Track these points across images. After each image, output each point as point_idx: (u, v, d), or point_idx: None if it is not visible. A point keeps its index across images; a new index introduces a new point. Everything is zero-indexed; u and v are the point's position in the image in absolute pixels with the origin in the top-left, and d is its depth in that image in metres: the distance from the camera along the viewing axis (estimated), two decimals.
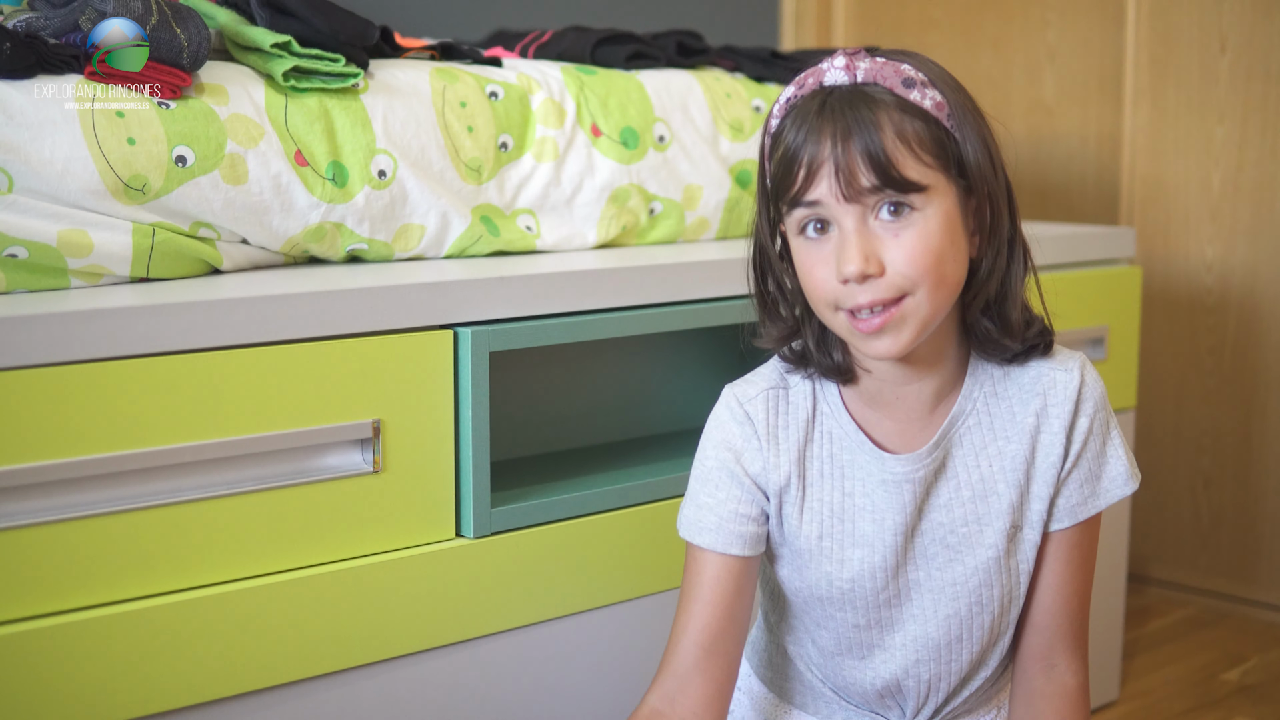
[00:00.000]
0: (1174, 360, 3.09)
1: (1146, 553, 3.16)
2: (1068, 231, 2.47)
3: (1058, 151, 3.24)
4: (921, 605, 1.51)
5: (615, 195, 2.02)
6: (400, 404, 1.62)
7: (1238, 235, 2.97)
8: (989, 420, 1.49)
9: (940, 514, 1.48)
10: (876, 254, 1.35)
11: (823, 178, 1.35)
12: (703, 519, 1.49)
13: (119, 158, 1.57)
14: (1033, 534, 1.50)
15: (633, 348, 2.10)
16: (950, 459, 1.48)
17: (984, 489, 1.48)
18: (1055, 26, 3.23)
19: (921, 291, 1.36)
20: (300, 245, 1.75)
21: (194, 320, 1.47)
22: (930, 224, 1.36)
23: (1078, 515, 1.50)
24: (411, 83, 1.85)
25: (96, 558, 1.43)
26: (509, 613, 1.71)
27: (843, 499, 1.49)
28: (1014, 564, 1.50)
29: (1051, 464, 1.48)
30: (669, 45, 2.25)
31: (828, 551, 1.49)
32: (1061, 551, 1.52)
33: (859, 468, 1.48)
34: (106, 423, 1.42)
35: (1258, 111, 2.92)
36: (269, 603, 1.53)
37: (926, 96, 1.38)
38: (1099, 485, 1.51)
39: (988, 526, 1.48)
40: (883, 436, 1.49)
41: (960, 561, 1.49)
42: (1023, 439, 1.48)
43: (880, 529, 1.48)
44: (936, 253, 1.36)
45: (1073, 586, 1.53)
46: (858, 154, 1.33)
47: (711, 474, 1.50)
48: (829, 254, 1.37)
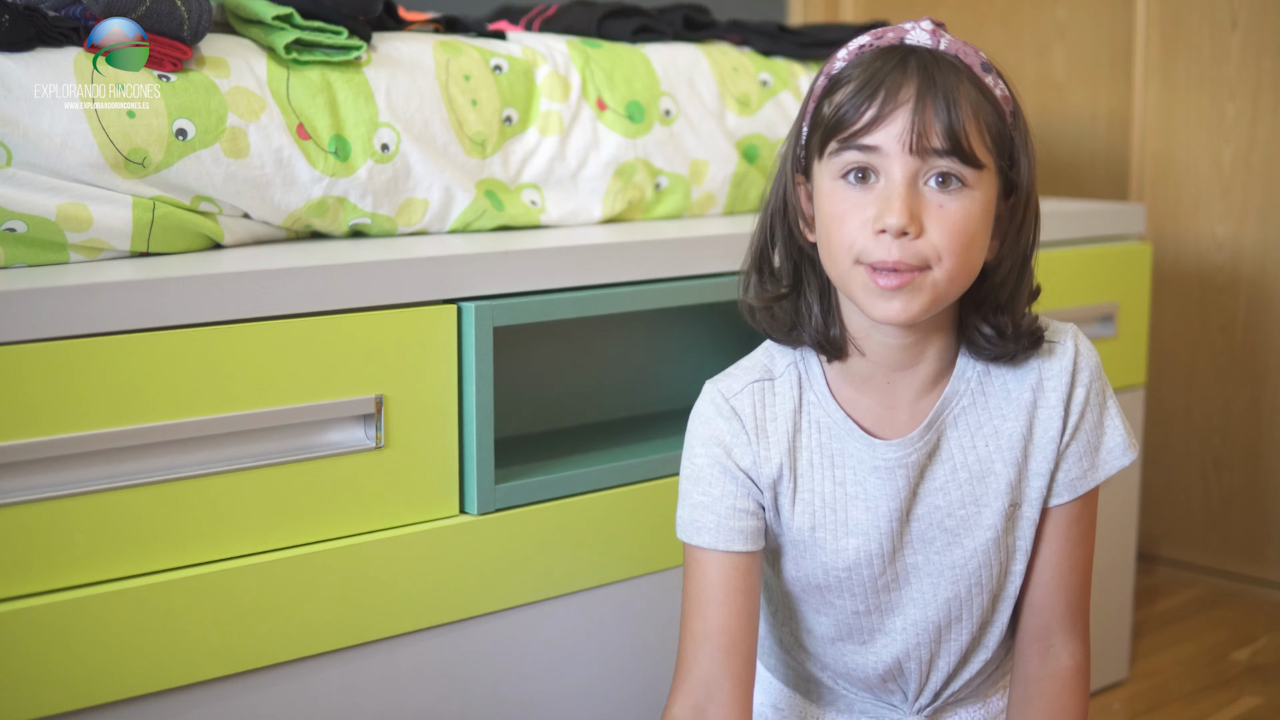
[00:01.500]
0: (1184, 339, 3.08)
1: (1156, 532, 3.15)
2: (1078, 208, 2.45)
3: (1068, 129, 3.22)
4: (920, 589, 1.49)
5: (621, 170, 2.01)
6: (403, 379, 1.60)
7: (1249, 213, 2.95)
8: (984, 400, 1.47)
9: (937, 498, 1.47)
10: (919, 215, 1.34)
11: (893, 123, 1.34)
12: (700, 519, 1.47)
13: (119, 131, 1.56)
14: (1031, 511, 1.49)
15: (638, 323, 2.08)
16: (944, 441, 1.47)
17: (981, 470, 1.47)
18: (1065, 3, 3.21)
19: (943, 270, 1.34)
20: (302, 220, 1.73)
21: (194, 295, 1.46)
22: (974, 205, 1.35)
23: (1077, 489, 1.49)
24: (414, 56, 1.84)
25: (97, 534, 1.42)
26: (513, 590, 1.70)
27: (834, 488, 1.47)
28: (1011, 541, 1.49)
29: (1050, 438, 1.47)
30: (676, 19, 2.24)
31: (822, 542, 1.47)
32: (1061, 527, 1.50)
33: (849, 455, 1.46)
34: (107, 398, 1.41)
35: (1269, 88, 2.90)
36: (271, 580, 1.52)
37: (999, 86, 1.39)
38: (1097, 457, 1.50)
39: (986, 507, 1.47)
40: (871, 423, 1.47)
41: (959, 544, 1.48)
42: (1020, 416, 1.47)
43: (874, 516, 1.46)
44: (970, 234, 1.35)
45: (1071, 562, 1.51)
46: (935, 114, 1.33)
47: (703, 472, 1.47)
48: (868, 203, 1.35)
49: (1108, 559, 2.46)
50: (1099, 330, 2.39)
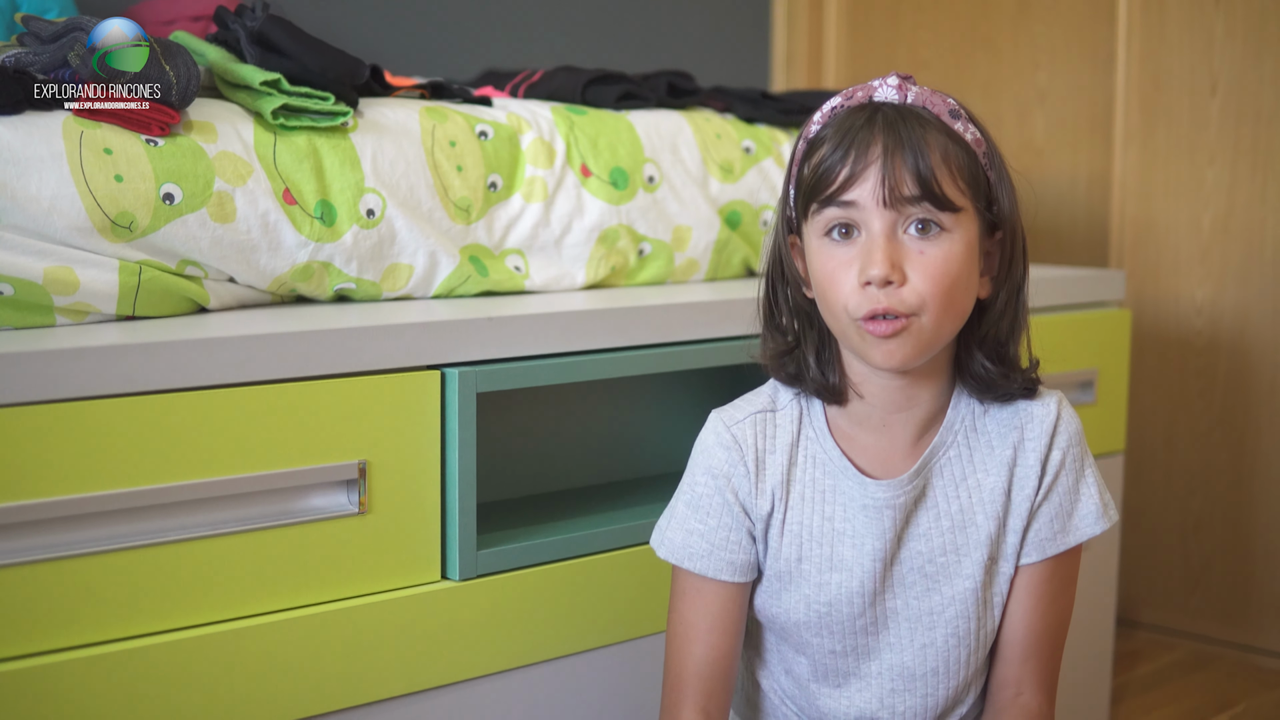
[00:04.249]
0: (1164, 402, 3.09)
1: (1136, 596, 3.15)
2: (1058, 274, 2.47)
3: (1048, 193, 3.24)
4: (898, 634, 1.51)
5: (604, 236, 2.02)
6: (387, 445, 1.61)
7: (1228, 277, 2.97)
8: (968, 453, 1.50)
9: (919, 543, 1.49)
10: (900, 263, 1.39)
11: (866, 179, 1.39)
12: (694, 545, 1.51)
13: (106, 195, 1.56)
14: (1007, 567, 1.52)
15: (621, 389, 2.09)
16: (930, 488, 1.50)
17: (963, 519, 1.50)
18: (1046, 69, 3.24)
19: (930, 314, 1.39)
20: (288, 284, 1.74)
21: (179, 359, 1.47)
22: (954, 247, 1.40)
23: (1046, 550, 1.51)
24: (401, 122, 1.85)
25: (79, 599, 1.42)
26: (495, 656, 1.70)
27: (823, 523, 1.50)
28: (989, 595, 1.51)
29: (1026, 496, 1.50)
30: (659, 85, 2.26)
31: (807, 574, 1.50)
32: (1032, 586, 1.52)
33: (841, 492, 1.49)
34: (90, 462, 1.41)
35: (1248, 154, 2.92)
36: (253, 645, 1.52)
37: (969, 130, 1.44)
38: (1070, 522, 1.52)
39: (965, 557, 1.50)
40: (866, 463, 1.50)
41: (938, 591, 1.50)
42: (1001, 471, 1.50)
43: (860, 554, 1.48)
44: (954, 277, 1.40)
45: (1043, 623, 1.53)
46: (905, 164, 1.38)
47: (702, 500, 1.51)
48: (852, 258, 1.40)
49: (1087, 622, 2.47)
50: (1079, 397, 2.40)
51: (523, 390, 1.93)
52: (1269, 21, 2.88)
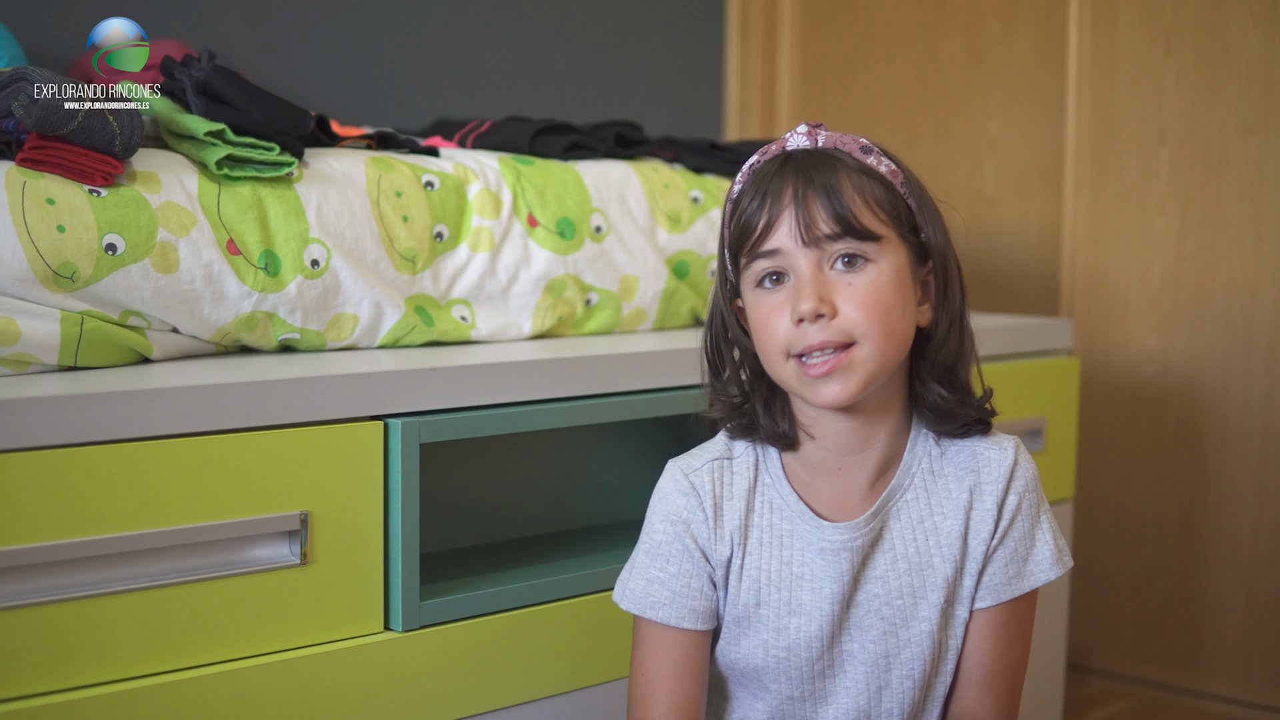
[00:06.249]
0: (1115, 450, 3.10)
1: (1088, 643, 3.16)
2: (1007, 323, 2.48)
3: (999, 242, 3.26)
4: (854, 677, 1.52)
5: (551, 286, 2.02)
6: (329, 495, 1.60)
7: (1178, 325, 2.99)
8: (925, 496, 1.52)
9: (876, 585, 1.50)
10: (830, 297, 1.41)
11: (783, 224, 1.43)
12: (655, 594, 1.51)
13: (48, 245, 1.56)
14: (963, 611, 1.53)
15: (568, 439, 2.09)
16: (887, 530, 1.51)
17: (920, 562, 1.51)
18: (996, 118, 3.26)
19: (870, 341, 1.41)
20: (231, 335, 1.74)
21: (120, 410, 1.46)
22: (882, 275, 1.43)
23: (1000, 595, 1.52)
24: (346, 172, 1.85)
25: (14, 651, 1.41)
26: (439, 707, 1.69)
27: (780, 567, 1.50)
28: (945, 639, 1.52)
29: (982, 539, 1.52)
30: (608, 136, 2.26)
31: (765, 619, 1.51)
32: (988, 630, 1.53)
33: (799, 537, 1.50)
34: (29, 513, 1.40)
35: (1198, 202, 2.94)
36: (193, 698, 1.51)
37: (883, 163, 1.47)
38: (1025, 567, 1.53)
39: (922, 600, 1.51)
40: (823, 507, 1.51)
41: (895, 634, 1.51)
42: (958, 515, 1.51)
43: (818, 598, 1.49)
44: (886, 303, 1.42)
45: (998, 667, 1.54)
46: (818, 202, 1.42)
47: (662, 549, 1.52)
48: (784, 301, 1.43)
49: (1039, 669, 2.47)
50: (1028, 444, 2.41)
51: (469, 440, 1.92)
52: (1218, 71, 2.90)
